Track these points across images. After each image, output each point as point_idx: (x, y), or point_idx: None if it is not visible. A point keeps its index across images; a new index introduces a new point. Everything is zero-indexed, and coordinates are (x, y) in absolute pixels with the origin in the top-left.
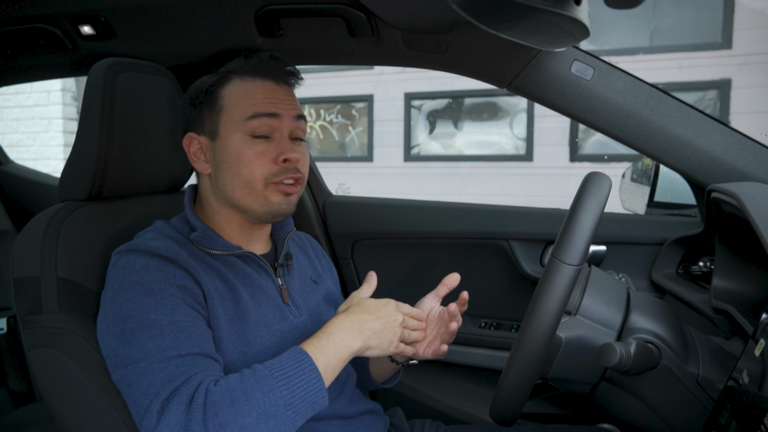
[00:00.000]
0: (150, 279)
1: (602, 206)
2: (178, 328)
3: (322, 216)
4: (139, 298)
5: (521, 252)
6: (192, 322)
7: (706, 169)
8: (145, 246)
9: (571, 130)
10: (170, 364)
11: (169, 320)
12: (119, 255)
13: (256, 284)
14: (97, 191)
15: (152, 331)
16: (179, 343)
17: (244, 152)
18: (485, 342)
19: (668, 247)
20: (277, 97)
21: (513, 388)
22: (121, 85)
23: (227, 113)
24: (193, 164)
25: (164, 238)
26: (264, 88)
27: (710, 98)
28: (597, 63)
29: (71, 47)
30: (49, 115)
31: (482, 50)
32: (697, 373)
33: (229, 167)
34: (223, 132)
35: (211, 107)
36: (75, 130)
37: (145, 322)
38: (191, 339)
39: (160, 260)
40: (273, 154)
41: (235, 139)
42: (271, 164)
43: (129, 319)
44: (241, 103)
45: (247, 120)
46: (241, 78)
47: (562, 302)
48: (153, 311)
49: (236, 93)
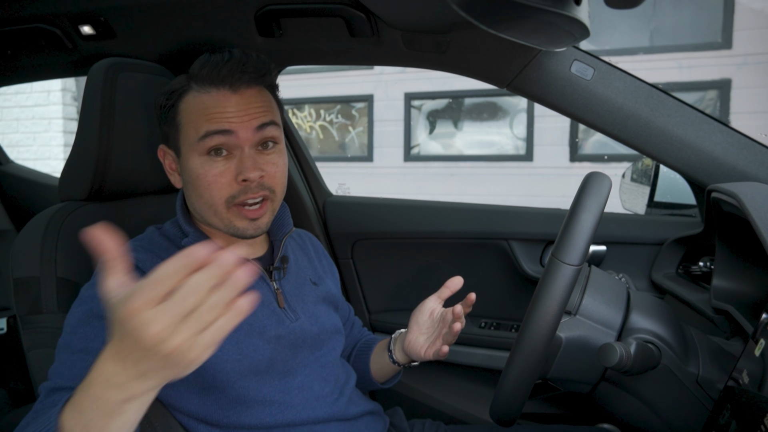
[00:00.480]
0: (100, 296)
1: (602, 206)
2: (83, 357)
3: (322, 216)
4: (79, 315)
5: (521, 252)
6: None
7: (706, 169)
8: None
9: (571, 130)
10: (47, 394)
11: (81, 347)
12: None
13: (250, 290)
14: (97, 191)
15: (65, 355)
16: (72, 373)
17: (201, 175)
18: (485, 342)
19: (668, 247)
20: (230, 108)
21: (513, 388)
22: (121, 85)
23: (184, 132)
24: (169, 176)
25: (149, 249)
26: (217, 100)
27: (710, 98)
28: (597, 63)
29: (71, 47)
30: (49, 115)
31: (482, 50)
32: (697, 373)
33: (193, 188)
34: (183, 151)
35: (171, 123)
36: (75, 130)
37: (67, 344)
38: (85, 370)
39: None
40: (232, 173)
41: (193, 160)
42: (230, 184)
43: (64, 333)
44: (195, 119)
45: (200, 140)
46: (198, 88)
47: (562, 302)
48: (79, 333)
49: (191, 108)
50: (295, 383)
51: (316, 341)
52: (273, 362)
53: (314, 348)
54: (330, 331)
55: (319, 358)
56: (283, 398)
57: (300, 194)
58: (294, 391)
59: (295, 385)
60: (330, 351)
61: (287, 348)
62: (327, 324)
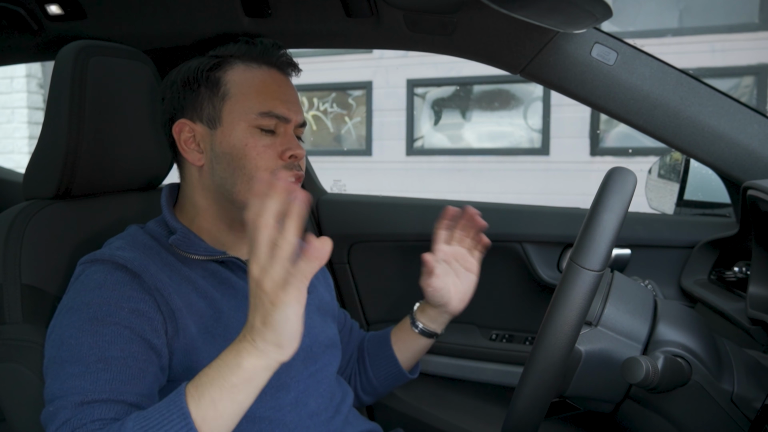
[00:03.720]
0: (100, 301)
1: (626, 205)
2: (104, 367)
3: (316, 216)
4: (80, 324)
5: (536, 256)
6: (124, 360)
7: (741, 164)
8: (110, 255)
9: (592, 120)
10: (71, 409)
11: (98, 356)
12: (84, 266)
13: (241, 294)
14: (65, 189)
15: (77, 367)
16: (97, 385)
17: (250, 144)
18: (496, 356)
19: (699, 250)
20: (287, 92)
21: (527, 407)
22: (93, 71)
23: (234, 101)
24: (184, 154)
25: (134, 247)
26: (274, 79)
27: (746, 85)
28: (620, 46)
29: (37, 28)
30: (12, 104)
31: (493, 32)
32: (732, 391)
33: (231, 159)
34: (227, 120)
35: (213, 92)
36: (41, 121)
37: (75, 355)
38: (112, 382)
39: (120, 275)
40: (279, 149)
41: (241, 129)
42: (276, 159)
43: (64, 345)
44: (252, 92)
45: (258, 115)
46: (246, 64)
47: (582, 312)
48: (87, 343)
49: (243, 80)
50: (287, 399)
51: (308, 354)
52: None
53: (307, 362)
54: (324, 344)
55: (314, 373)
56: (274, 415)
57: None
58: (286, 407)
59: (288, 402)
60: (325, 366)
61: None
62: (320, 336)
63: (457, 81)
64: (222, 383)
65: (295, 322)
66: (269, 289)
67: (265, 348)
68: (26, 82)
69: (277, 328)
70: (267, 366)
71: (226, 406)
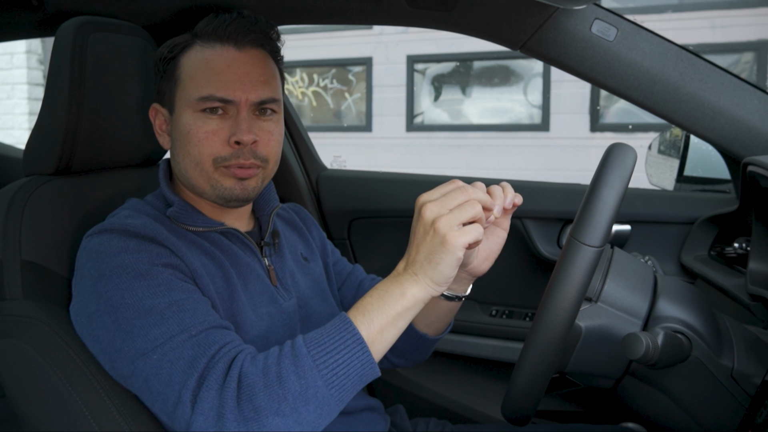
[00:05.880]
0: (133, 261)
1: (626, 181)
2: (179, 308)
3: (315, 192)
4: (126, 283)
5: (536, 232)
6: (190, 298)
7: (741, 140)
8: (120, 225)
9: (592, 96)
10: (185, 347)
11: (167, 302)
12: (91, 237)
13: (243, 263)
14: (65, 164)
15: (152, 317)
16: (186, 323)
17: (192, 131)
18: (496, 332)
19: (699, 226)
20: (239, 75)
21: (527, 383)
22: (93, 47)
23: (183, 87)
24: (157, 137)
25: (140, 215)
26: (221, 56)
27: (746, 61)
28: (620, 22)
29: (36, 4)
30: (12, 80)
31: (493, 8)
32: (732, 366)
33: (181, 145)
34: (177, 107)
35: (169, 78)
36: (41, 97)
37: (142, 309)
38: (196, 316)
39: (138, 240)
40: (226, 133)
41: (186, 116)
42: (222, 145)
43: (121, 308)
44: (197, 75)
45: (199, 100)
46: (202, 44)
47: (582, 288)
48: (147, 296)
49: (193, 63)
50: None
51: (306, 326)
52: (268, 341)
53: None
54: (325, 317)
55: None
56: None
57: (291, 168)
58: None
59: None
60: None
61: (280, 329)
62: (320, 309)
63: (457, 57)
64: (388, 311)
65: (455, 266)
66: (443, 230)
67: (425, 281)
68: (26, 58)
69: (439, 265)
70: (424, 298)
71: (390, 332)
